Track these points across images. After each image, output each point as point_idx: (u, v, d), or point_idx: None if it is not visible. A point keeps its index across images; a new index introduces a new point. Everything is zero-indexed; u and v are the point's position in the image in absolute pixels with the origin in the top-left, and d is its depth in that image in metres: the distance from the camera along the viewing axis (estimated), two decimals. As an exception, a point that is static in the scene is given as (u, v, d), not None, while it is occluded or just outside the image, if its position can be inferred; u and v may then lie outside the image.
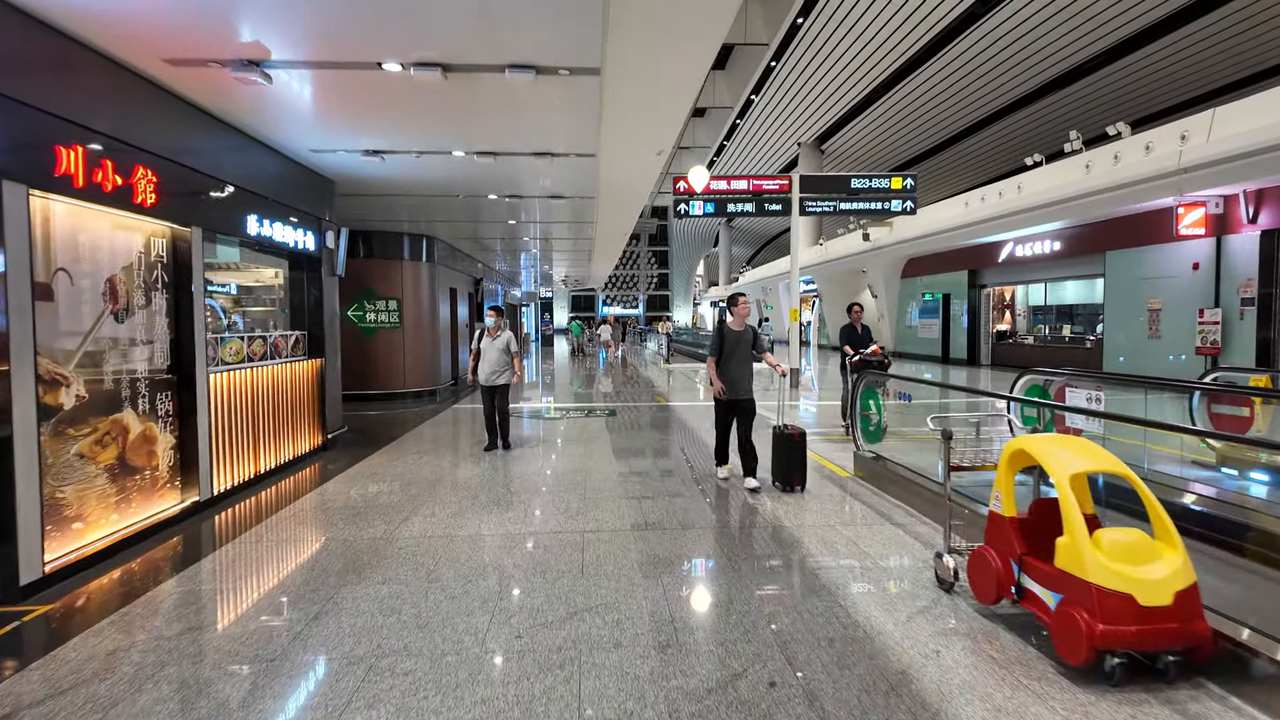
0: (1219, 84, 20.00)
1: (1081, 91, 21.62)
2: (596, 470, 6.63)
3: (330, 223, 8.00)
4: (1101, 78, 20.51)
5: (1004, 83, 22.00)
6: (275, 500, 5.77)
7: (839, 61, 24.30)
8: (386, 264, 12.71)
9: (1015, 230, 18.17)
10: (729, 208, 14.17)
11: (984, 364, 20.63)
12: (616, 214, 10.55)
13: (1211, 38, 18.12)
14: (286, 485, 6.30)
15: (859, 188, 14.23)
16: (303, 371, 7.39)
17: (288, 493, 6.03)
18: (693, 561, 4.18)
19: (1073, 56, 20.22)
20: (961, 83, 22.77)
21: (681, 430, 9.18)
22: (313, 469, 7.02)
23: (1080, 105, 22.36)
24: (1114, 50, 19.66)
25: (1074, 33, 18.94)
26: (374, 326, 12.59)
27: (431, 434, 8.99)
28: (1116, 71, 20.08)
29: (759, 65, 27.50)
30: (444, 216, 11.12)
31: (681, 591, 3.73)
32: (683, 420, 10.00)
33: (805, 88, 27.19)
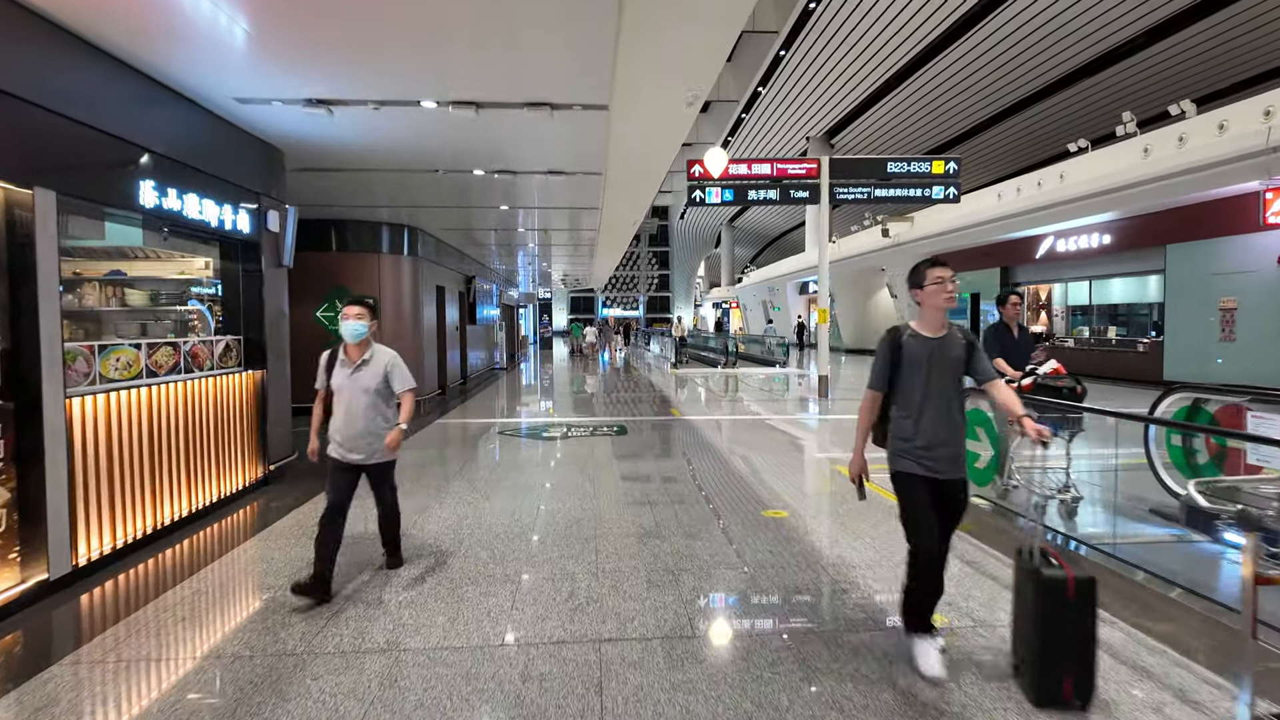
0: (1278, 63, 18.47)
1: (1125, 73, 20.07)
2: (615, 579, 5.06)
3: (275, 200, 6.41)
4: (1147, 58, 18.97)
5: (1037, 65, 20.47)
6: (172, 570, 4.19)
7: (854, 48, 22.74)
8: (361, 258, 11.12)
9: (1055, 223, 16.64)
10: (750, 194, 12.61)
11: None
12: (627, 194, 8.97)
13: (1271, 11, 16.59)
14: (199, 543, 4.71)
15: (896, 172, 12.68)
16: (235, 387, 5.80)
17: (195, 557, 4.45)
18: None
19: (1111, 37, 18.70)
20: (989, 66, 21.23)
21: (722, 470, 7.60)
22: (245, 513, 5.43)
23: (1128, 86, 20.72)
24: (1157, 29, 18.14)
25: (1114, 10, 17.41)
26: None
27: (407, 459, 7.39)
28: (1164, 51, 18.55)
29: (767, 55, 26.01)
30: (426, 201, 9.54)
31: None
32: (712, 445, 8.40)
33: (817, 77, 25.65)
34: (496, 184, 8.29)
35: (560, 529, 4.75)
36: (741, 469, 6.67)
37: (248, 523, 5.18)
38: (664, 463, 7.03)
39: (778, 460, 7.14)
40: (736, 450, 7.65)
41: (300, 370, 11.08)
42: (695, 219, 60.23)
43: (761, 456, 7.30)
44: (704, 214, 57.17)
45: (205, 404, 5.34)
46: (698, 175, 12.31)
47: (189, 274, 6.37)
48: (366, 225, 11.08)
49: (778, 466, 6.81)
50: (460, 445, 8.19)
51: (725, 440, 8.29)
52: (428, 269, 12.57)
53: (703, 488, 5.95)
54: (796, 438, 8.59)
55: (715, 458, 7.26)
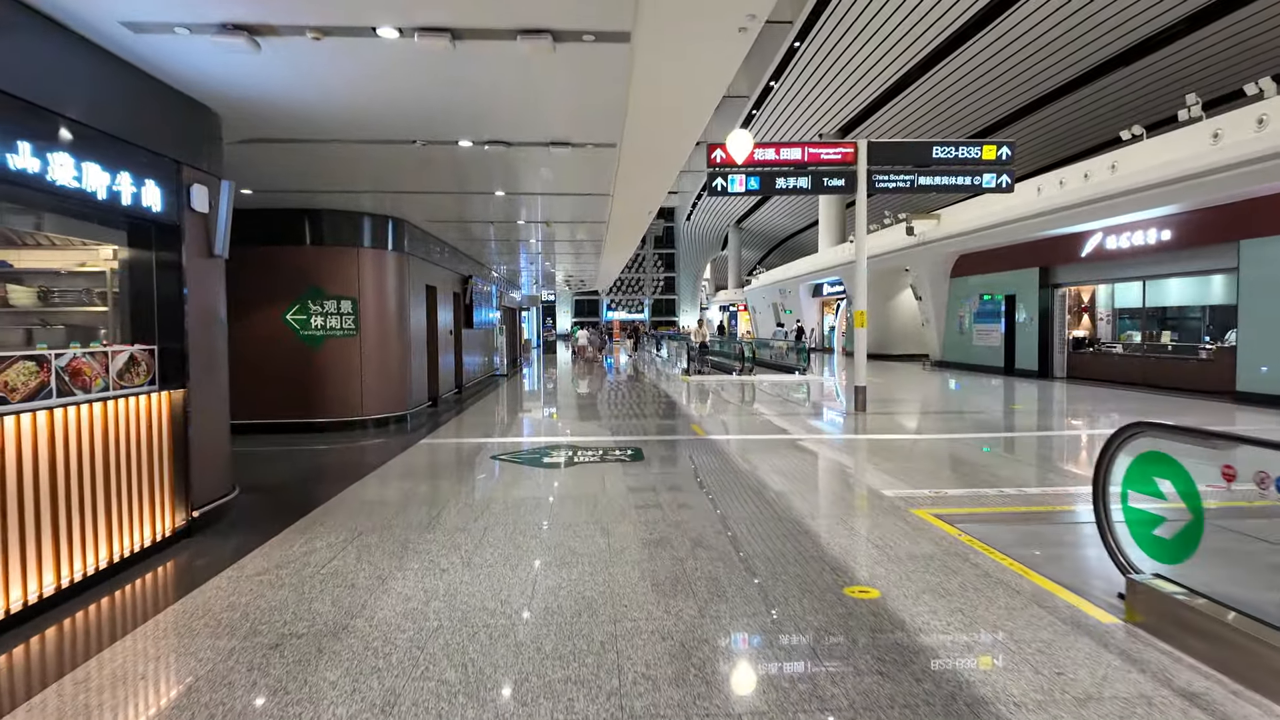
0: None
1: (1186, 52, 18.58)
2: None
3: (204, 173, 5.05)
4: (1214, 33, 17.51)
5: (1082, 48, 19.04)
6: (6, 690, 2.81)
7: (875, 35, 21.33)
8: (339, 253, 9.76)
9: (1104, 219, 15.22)
10: (778, 183, 11.24)
11: (1058, 376, 17.64)
12: (646, 172, 7.58)
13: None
14: (67, 636, 3.33)
15: (942, 157, 11.28)
16: (141, 412, 4.43)
17: (50, 663, 3.07)
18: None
19: (1162, 17, 17.29)
20: (1024, 52, 19.81)
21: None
22: (150, 579, 4.06)
23: (1189, 66, 19.22)
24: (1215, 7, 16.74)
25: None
26: (320, 334, 9.63)
27: (377, 495, 6.02)
28: (1232, 25, 17.10)
29: (781, 47, 24.66)
30: (409, 185, 8.17)
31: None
32: (747, 477, 7.00)
33: (834, 69, 24.19)
34: (489, 162, 6.92)
35: (564, 624, 3.35)
36: (793, 512, 5.27)
37: (146, 598, 3.80)
38: (694, 505, 5.62)
39: (835, 501, 5.74)
40: (778, 484, 6.25)
41: (269, 379, 9.76)
42: (702, 221, 58.94)
43: (812, 495, 5.90)
44: (711, 215, 55.85)
45: (91, 437, 3.97)
46: (719, 161, 10.93)
47: (94, 265, 5.02)
48: (345, 216, 9.72)
49: (838, 510, 5.41)
50: (444, 476, 6.81)
51: (761, 469, 6.89)
52: (416, 267, 11.21)
53: (753, 546, 4.54)
54: (845, 466, 7.19)
55: (755, 496, 5.86)
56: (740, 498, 5.76)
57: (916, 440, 8.64)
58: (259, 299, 9.50)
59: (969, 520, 5.07)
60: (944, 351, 22.57)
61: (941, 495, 5.80)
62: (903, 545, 4.48)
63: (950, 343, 22.27)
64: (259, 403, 9.49)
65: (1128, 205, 14.24)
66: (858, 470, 6.92)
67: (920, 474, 6.67)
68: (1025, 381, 16.91)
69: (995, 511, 5.36)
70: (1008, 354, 19.36)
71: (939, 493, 5.89)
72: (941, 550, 4.37)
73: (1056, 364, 17.92)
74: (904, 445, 8.29)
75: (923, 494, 5.86)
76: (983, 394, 14.45)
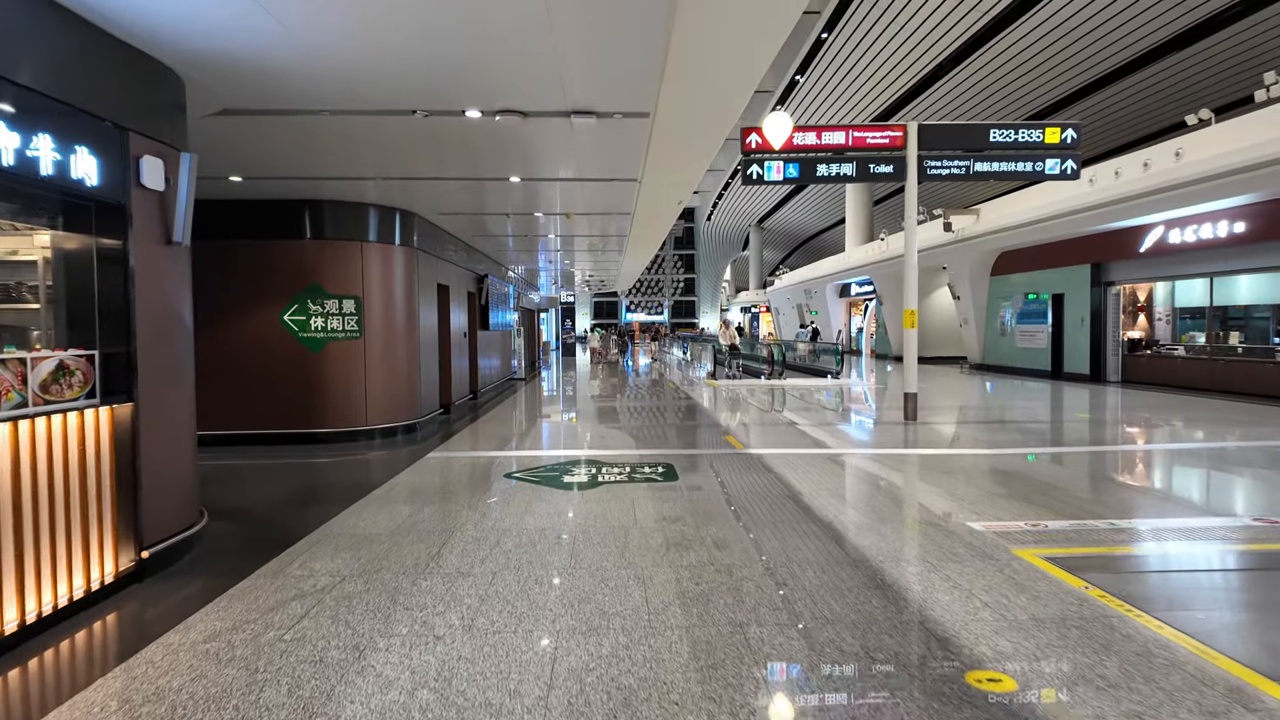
0: None
1: (1252, 31, 17.29)
2: None
3: (160, 144, 4.22)
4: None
5: (1139, 27, 17.82)
6: None
7: (908, 24, 20.32)
8: (341, 248, 8.96)
9: (1165, 210, 14.06)
10: (819, 170, 10.26)
11: (1112, 381, 16.44)
12: (682, 148, 6.64)
13: None
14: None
15: (1000, 141, 10.25)
16: (73, 432, 3.60)
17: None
18: None
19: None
20: (1077, 32, 18.62)
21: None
22: (63, 650, 3.22)
23: (1260, 45, 17.89)
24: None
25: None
26: (321, 337, 8.83)
27: (370, 524, 5.16)
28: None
29: (807, 38, 23.61)
30: (414, 169, 7.34)
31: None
32: (802, 503, 6.06)
33: (864, 60, 23.06)
34: (502, 138, 6.04)
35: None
36: (868, 554, 4.32)
37: (45, 683, 2.95)
38: (744, 543, 4.69)
39: (915, 537, 4.78)
40: (839, 513, 5.31)
41: (265, 385, 8.98)
42: (722, 221, 57.94)
43: (884, 528, 4.94)
44: (732, 215, 54.82)
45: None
46: (754, 147, 9.99)
47: (28, 254, 4.21)
48: (347, 207, 8.92)
49: (923, 551, 4.44)
50: (450, 500, 5.93)
51: (814, 493, 5.94)
52: (427, 264, 10.39)
53: (830, 605, 3.60)
54: (911, 489, 6.21)
55: (816, 529, 4.91)
56: (798, 532, 4.81)
57: (984, 456, 7.63)
58: (253, 298, 8.72)
59: (1088, 566, 4.08)
60: (984, 354, 21.39)
61: (1042, 530, 4.81)
62: (1020, 604, 3.51)
63: (991, 344, 21.09)
64: (253, 412, 8.72)
65: (1196, 195, 13.08)
66: (928, 494, 5.93)
67: (1005, 500, 5.68)
68: (1076, 386, 15.75)
69: (1116, 553, 4.37)
70: (1055, 356, 18.18)
71: (1037, 525, 4.91)
72: (1073, 612, 3.40)
73: (1110, 367, 16.72)
74: (972, 462, 7.28)
75: (1017, 527, 4.88)
76: (1037, 400, 13.34)
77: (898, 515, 5.24)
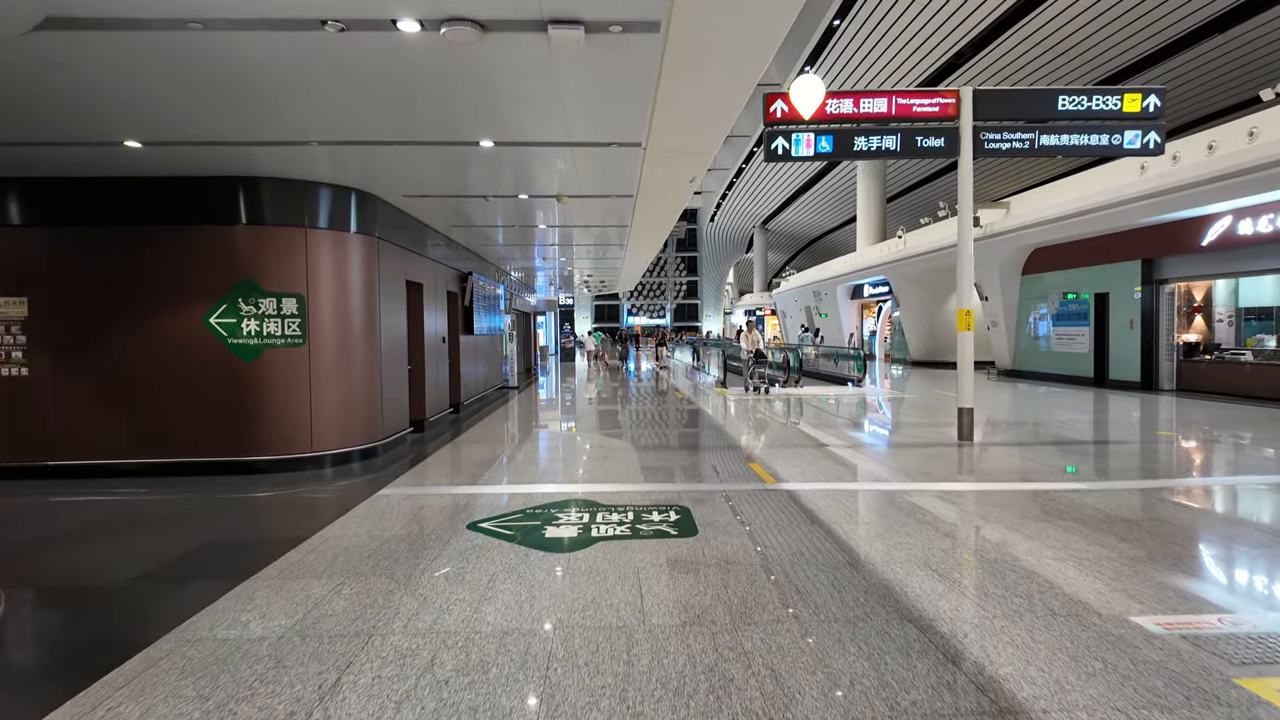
0: None
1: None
2: None
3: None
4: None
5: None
6: None
7: (927, 8, 18.69)
8: (281, 236, 7.37)
9: (1233, 199, 12.44)
10: (856, 143, 8.66)
11: (1165, 389, 14.81)
12: (706, 87, 5.03)
13: None
14: None
15: (1070, 110, 8.65)
16: None
17: None
18: None
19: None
20: (1109, 15, 17.05)
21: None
22: None
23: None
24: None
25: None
26: (256, 345, 7.23)
27: (250, 624, 3.54)
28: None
29: (816, 29, 21.97)
30: (353, 128, 5.74)
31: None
32: (874, 575, 4.43)
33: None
34: (454, 71, 4.45)
35: None
36: (1020, 697, 2.70)
37: None
38: (810, 661, 3.07)
39: (1069, 651, 3.14)
40: (936, 600, 3.69)
41: (185, 403, 7.35)
42: (726, 222, 56.42)
43: (1015, 629, 3.31)
44: (735, 216, 53.26)
45: None
46: (780, 116, 8.39)
47: None
48: (290, 187, 7.33)
49: (1106, 688, 2.82)
50: (384, 573, 4.31)
51: (889, 560, 4.34)
52: (393, 257, 8.80)
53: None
54: (1011, 548, 4.57)
55: (914, 632, 3.29)
56: (890, 643, 3.18)
57: (1080, 493, 6.01)
58: (171, 297, 7.14)
59: None
60: (1015, 359, 19.75)
61: (1250, 632, 3.20)
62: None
63: (1023, 349, 19.45)
64: (169, 436, 7.13)
65: (1262, 183, 11.52)
66: (1043, 559, 4.30)
67: (1151, 568, 4.06)
68: (1127, 395, 14.11)
69: None
70: (1098, 362, 16.54)
71: (1237, 624, 3.29)
72: None
73: (1163, 374, 15.08)
74: (1071, 503, 5.65)
75: (1209, 626, 3.27)
76: (1097, 412, 11.72)
77: (1022, 601, 3.62)
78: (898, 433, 9.65)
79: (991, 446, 8.31)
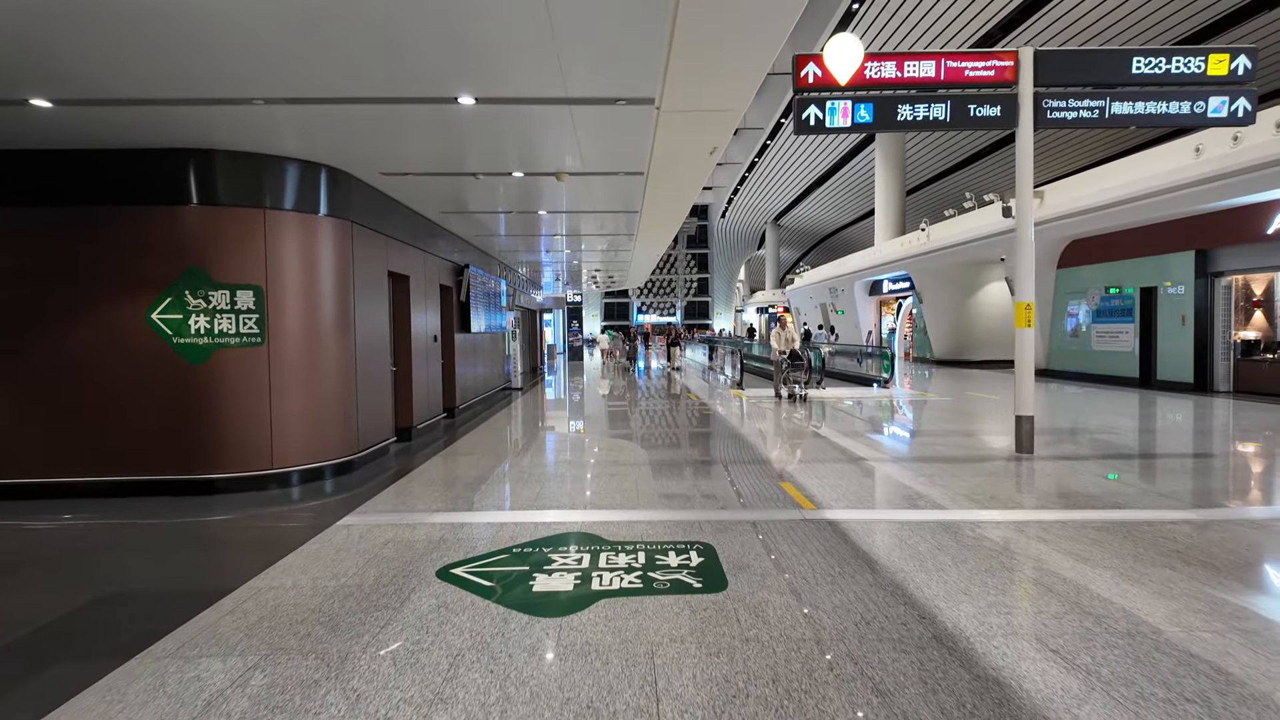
0: None
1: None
2: None
3: None
4: None
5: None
6: None
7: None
8: (234, 218, 6.36)
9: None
10: (900, 112, 7.57)
11: (1221, 390, 13.62)
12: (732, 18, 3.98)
13: None
14: None
15: (1146, 73, 7.52)
16: None
17: None
18: None
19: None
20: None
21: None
22: None
23: None
24: None
25: None
26: (206, 344, 6.23)
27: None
28: None
29: (834, 13, 20.82)
30: (311, 84, 4.72)
31: None
32: (1007, 670, 3.32)
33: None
34: (424, 14, 3.41)
35: None
36: None
37: None
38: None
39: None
40: (1060, 695, 2.63)
41: (123, 412, 6.25)
42: (737, 219, 55.31)
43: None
44: (747, 213, 52.09)
45: None
46: (813, 81, 7.30)
47: None
48: (245, 161, 6.32)
49: None
50: (312, 650, 3.27)
51: (982, 631, 3.28)
52: (371, 245, 7.79)
53: None
54: (1141, 610, 3.49)
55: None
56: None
57: (1197, 526, 4.91)
58: (106, 289, 6.15)
59: None
60: (1049, 359, 18.55)
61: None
62: None
63: (1058, 347, 18.25)
64: (104, 450, 6.15)
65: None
66: (1190, 629, 3.22)
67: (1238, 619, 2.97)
68: (1180, 398, 12.93)
69: None
70: (1144, 361, 15.33)
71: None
72: None
73: (1218, 374, 13.88)
74: (1192, 540, 4.56)
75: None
76: (1161, 417, 10.58)
77: (1200, 709, 2.54)
78: (942, 442, 8.55)
79: (1055, 460, 7.21)
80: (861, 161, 33.84)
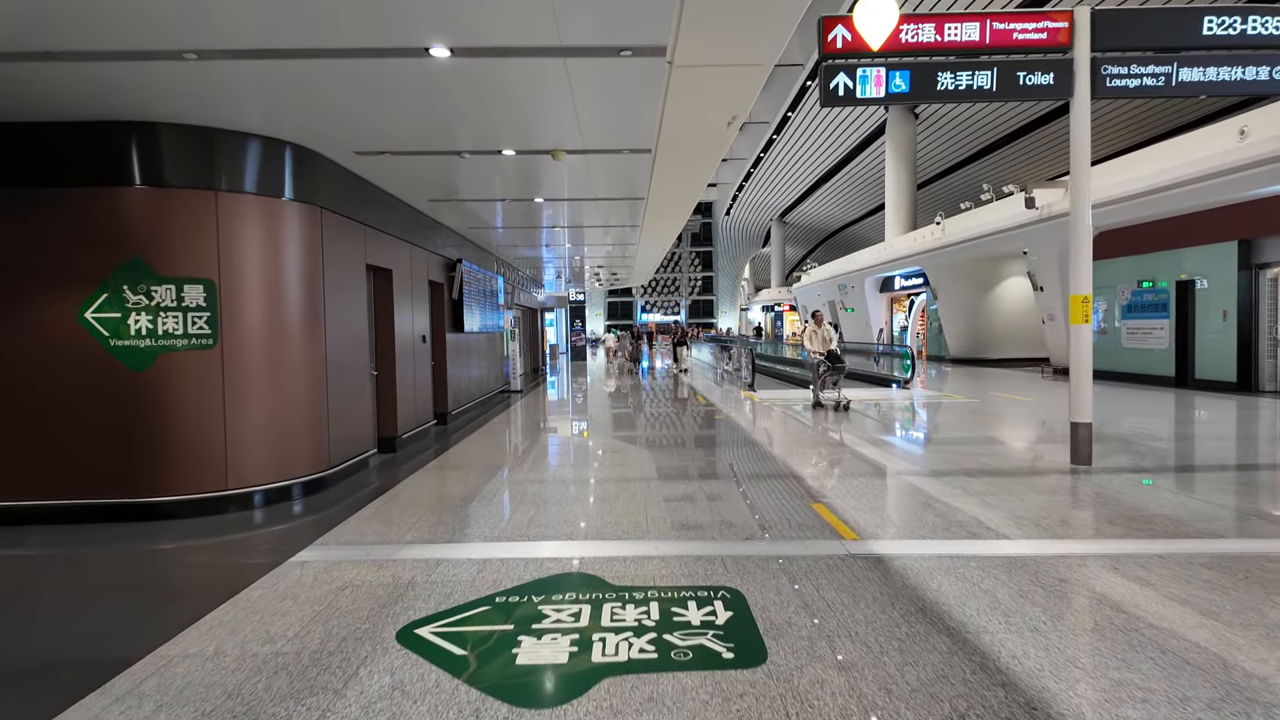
0: None
1: None
2: None
3: None
4: None
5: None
6: None
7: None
8: (180, 201, 5.54)
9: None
10: (940, 80, 6.70)
11: (1267, 390, 12.72)
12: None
13: None
14: None
15: (1218, 35, 6.65)
16: None
17: None
18: None
19: None
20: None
21: None
22: None
23: None
24: None
25: None
26: (149, 347, 5.41)
27: None
28: None
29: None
30: (266, 36, 3.89)
31: None
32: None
33: None
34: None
35: None
36: None
37: None
38: None
39: None
40: None
41: (51, 426, 5.20)
42: (742, 216, 54.41)
43: None
44: (752, 209, 51.18)
45: None
46: (842, 45, 6.44)
47: None
48: (192, 135, 5.49)
49: None
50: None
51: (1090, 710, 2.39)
52: (347, 235, 6.96)
53: None
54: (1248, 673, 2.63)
55: None
56: None
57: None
58: (30, 284, 5.33)
59: None
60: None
61: None
62: None
63: (1086, 345, 17.31)
64: (28, 470, 5.32)
65: None
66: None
67: None
68: (1225, 398, 12.05)
69: None
70: (1180, 359, 14.44)
71: None
72: None
73: (1264, 373, 12.98)
74: (1250, 563, 3.71)
75: None
76: (1217, 422, 9.70)
77: None
78: (983, 452, 7.69)
79: (1118, 474, 6.34)
80: (870, 155, 32.94)
